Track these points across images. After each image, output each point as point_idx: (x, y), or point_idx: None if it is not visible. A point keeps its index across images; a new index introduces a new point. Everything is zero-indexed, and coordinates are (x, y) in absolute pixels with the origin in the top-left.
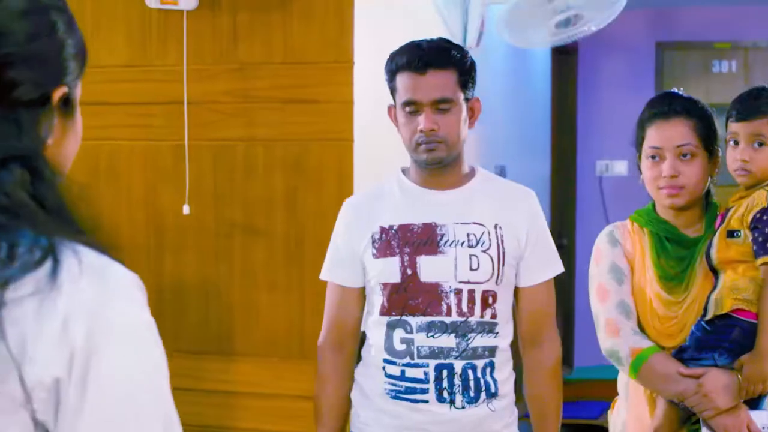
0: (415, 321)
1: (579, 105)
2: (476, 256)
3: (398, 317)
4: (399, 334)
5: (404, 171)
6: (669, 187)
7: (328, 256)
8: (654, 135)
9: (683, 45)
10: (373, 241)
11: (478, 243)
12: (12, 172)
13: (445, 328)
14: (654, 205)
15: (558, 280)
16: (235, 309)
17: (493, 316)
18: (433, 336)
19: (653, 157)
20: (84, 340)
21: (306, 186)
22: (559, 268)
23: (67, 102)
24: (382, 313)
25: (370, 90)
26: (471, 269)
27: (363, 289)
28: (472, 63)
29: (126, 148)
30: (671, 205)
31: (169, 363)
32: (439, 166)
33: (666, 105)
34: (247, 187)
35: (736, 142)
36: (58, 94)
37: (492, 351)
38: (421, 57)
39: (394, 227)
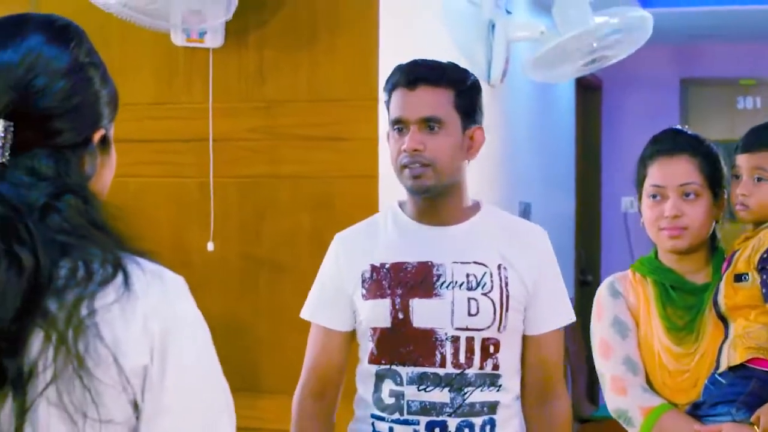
0: (405, 371)
1: (603, 141)
2: (476, 300)
3: (387, 366)
4: (388, 385)
5: (401, 204)
6: (671, 228)
7: (311, 294)
8: (656, 173)
9: (708, 81)
10: (363, 281)
11: (478, 285)
12: (67, 203)
13: (438, 381)
14: (656, 253)
15: (584, 316)
16: (260, 346)
17: (496, 367)
18: (424, 389)
19: (654, 196)
20: (160, 333)
21: (331, 223)
22: (570, 316)
23: (104, 140)
24: (371, 362)
25: None
26: (470, 314)
27: (349, 333)
28: (475, 86)
29: (152, 185)
30: (672, 248)
31: None
32: (428, 195)
33: (670, 141)
34: (273, 224)
35: (738, 176)
36: (97, 136)
37: (493, 407)
38: (412, 71)
39: (387, 265)
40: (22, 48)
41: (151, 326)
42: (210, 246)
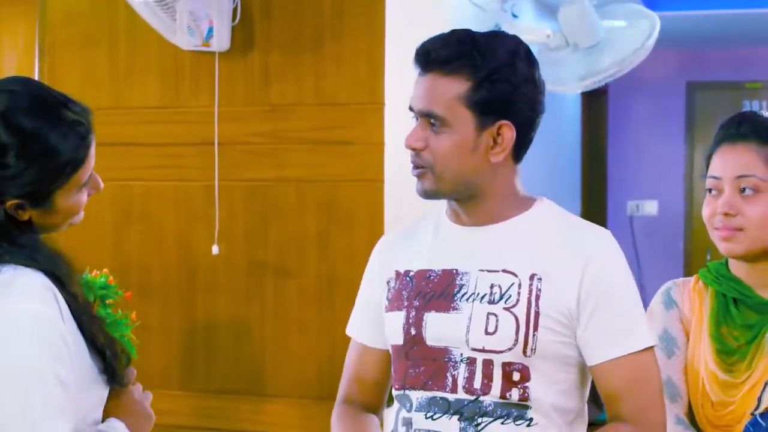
0: (415, 396)
1: (609, 145)
2: (495, 316)
3: (401, 391)
4: (401, 413)
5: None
6: (723, 229)
7: (355, 306)
8: (715, 162)
9: (714, 85)
10: (388, 290)
11: (501, 298)
12: None
13: (446, 408)
14: (728, 259)
15: None
16: (266, 349)
17: (524, 398)
18: (431, 417)
19: (710, 190)
20: None
21: (337, 227)
22: (637, 341)
23: (22, 206)
24: (393, 386)
25: (401, 131)
26: (486, 332)
27: (387, 351)
28: (510, 71)
29: (157, 189)
30: (727, 252)
31: (201, 402)
32: (435, 199)
33: (734, 127)
34: (278, 227)
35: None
36: (8, 205)
37: None
38: (426, 50)
39: (411, 273)
40: None
41: None
42: (215, 249)
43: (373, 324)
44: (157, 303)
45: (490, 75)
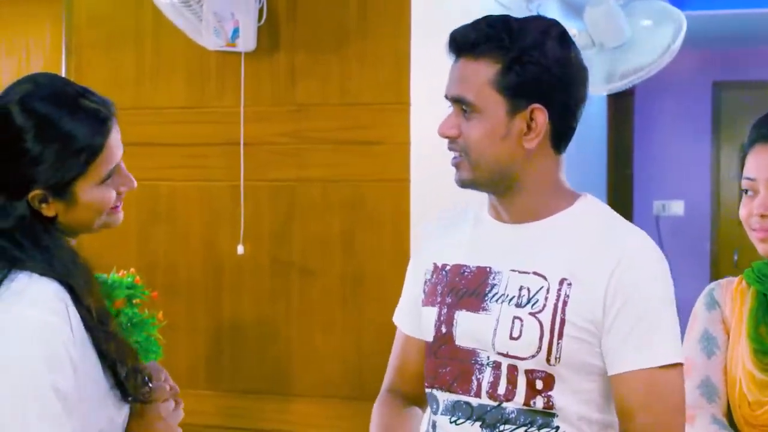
0: (442, 398)
1: (635, 145)
2: (520, 320)
3: (429, 390)
4: (428, 414)
5: None
6: (760, 230)
7: (402, 294)
8: (750, 163)
9: (740, 84)
10: (425, 282)
11: (528, 302)
12: None
13: (469, 413)
14: None
15: None
16: (291, 349)
17: (548, 406)
18: (455, 422)
19: (746, 191)
20: None
21: (362, 226)
22: (660, 355)
23: (45, 198)
24: (425, 383)
25: (426, 131)
26: (511, 337)
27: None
28: (541, 52)
29: (183, 189)
30: (765, 253)
31: (227, 402)
32: (472, 189)
33: (765, 127)
34: (304, 227)
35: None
36: (32, 197)
37: None
38: (456, 36)
39: (447, 267)
40: None
41: None
42: (240, 249)
43: (414, 314)
44: (182, 303)
45: (520, 56)
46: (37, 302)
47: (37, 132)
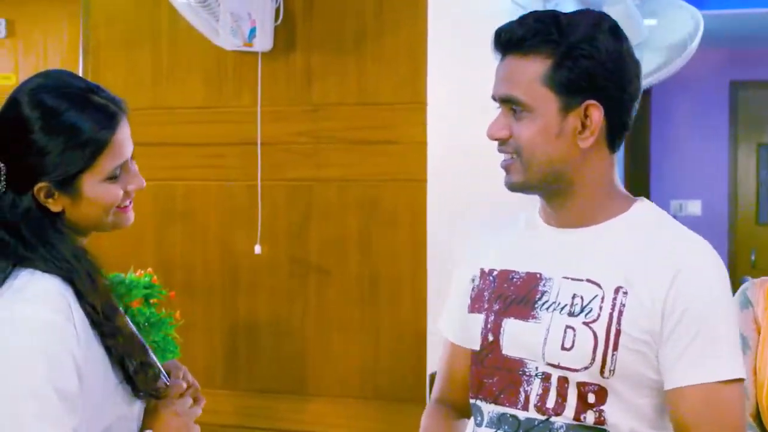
0: (487, 410)
1: (652, 144)
2: (573, 330)
3: (474, 400)
4: (471, 427)
5: None
6: None
7: (447, 301)
8: None
9: (758, 84)
10: (472, 288)
11: (582, 311)
12: None
13: (516, 427)
14: None
15: None
16: (308, 349)
17: (600, 422)
18: None
19: None
20: None
21: (379, 226)
22: (718, 370)
23: (50, 192)
24: (469, 393)
25: (443, 130)
26: (563, 347)
27: None
28: (593, 46)
29: (200, 189)
30: None
31: (244, 402)
32: (524, 192)
33: None
34: (321, 227)
35: None
36: (38, 190)
37: None
38: (503, 33)
39: (495, 272)
40: None
41: None
42: (257, 249)
43: (460, 321)
44: (200, 302)
45: (571, 51)
46: (39, 300)
47: (43, 124)
